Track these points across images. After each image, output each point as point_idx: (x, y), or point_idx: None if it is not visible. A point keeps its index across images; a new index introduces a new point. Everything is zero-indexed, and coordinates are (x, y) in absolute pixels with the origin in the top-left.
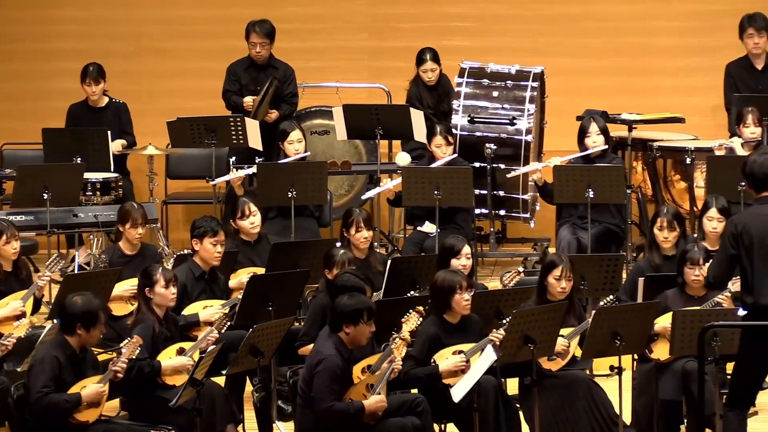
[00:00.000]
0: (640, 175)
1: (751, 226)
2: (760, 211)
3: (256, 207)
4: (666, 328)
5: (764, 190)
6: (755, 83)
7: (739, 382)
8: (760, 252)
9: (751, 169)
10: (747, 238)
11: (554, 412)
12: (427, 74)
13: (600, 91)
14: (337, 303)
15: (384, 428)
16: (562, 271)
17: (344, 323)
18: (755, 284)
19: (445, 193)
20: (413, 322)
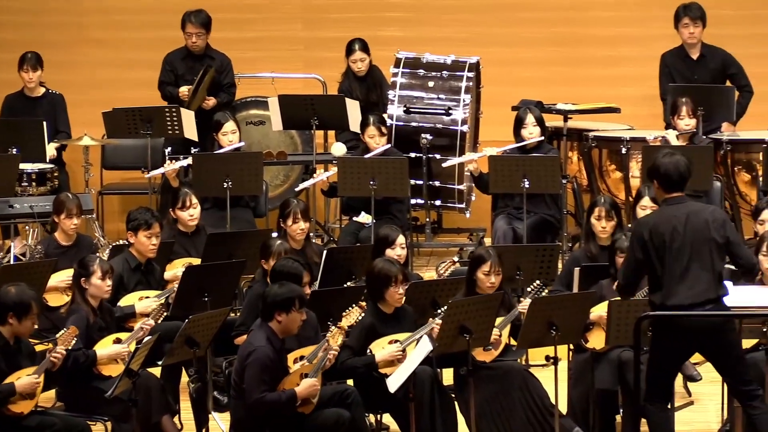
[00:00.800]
0: (575, 165)
1: (661, 228)
2: (671, 212)
3: (197, 199)
4: (602, 318)
5: (675, 190)
6: (690, 73)
7: (654, 376)
8: (670, 254)
9: (666, 169)
10: (657, 240)
11: (490, 403)
12: (356, 64)
13: (535, 81)
14: (268, 292)
15: (319, 419)
16: (491, 266)
17: (276, 311)
18: (664, 286)
19: (381, 183)
20: (354, 316)
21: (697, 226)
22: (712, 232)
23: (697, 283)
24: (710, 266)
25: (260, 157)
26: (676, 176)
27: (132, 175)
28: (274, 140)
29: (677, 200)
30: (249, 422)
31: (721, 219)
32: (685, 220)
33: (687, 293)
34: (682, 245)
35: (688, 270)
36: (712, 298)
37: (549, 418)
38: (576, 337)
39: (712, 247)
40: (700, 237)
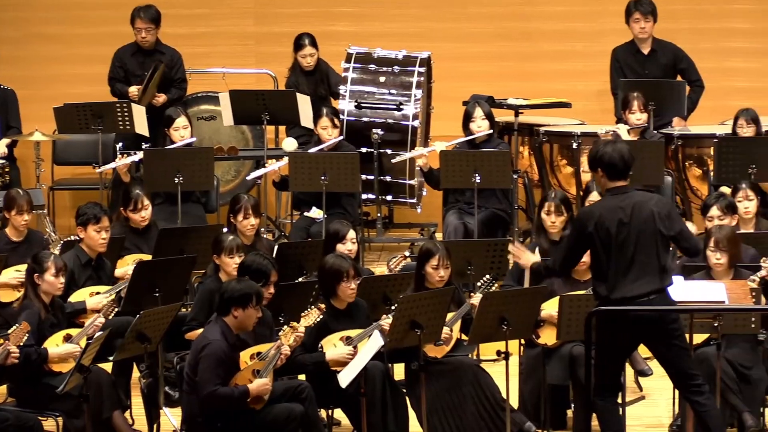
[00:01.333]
0: (526, 160)
1: (606, 220)
2: (615, 203)
3: (149, 201)
4: (552, 314)
5: (619, 179)
6: (641, 68)
7: (602, 369)
8: (616, 246)
9: (611, 158)
10: (603, 232)
11: (441, 398)
12: (306, 59)
13: (486, 76)
14: (225, 287)
15: (270, 414)
16: (439, 260)
17: (233, 307)
18: (609, 278)
19: (332, 178)
20: (312, 317)
21: (642, 218)
22: (658, 223)
23: (642, 275)
24: (655, 258)
25: (211, 152)
26: (621, 165)
27: (83, 170)
28: (225, 135)
29: (621, 190)
30: (201, 417)
31: (666, 210)
32: (631, 212)
33: (632, 285)
34: (628, 237)
35: (634, 262)
36: (657, 289)
37: (500, 412)
38: (527, 332)
39: (657, 238)
40: (646, 229)
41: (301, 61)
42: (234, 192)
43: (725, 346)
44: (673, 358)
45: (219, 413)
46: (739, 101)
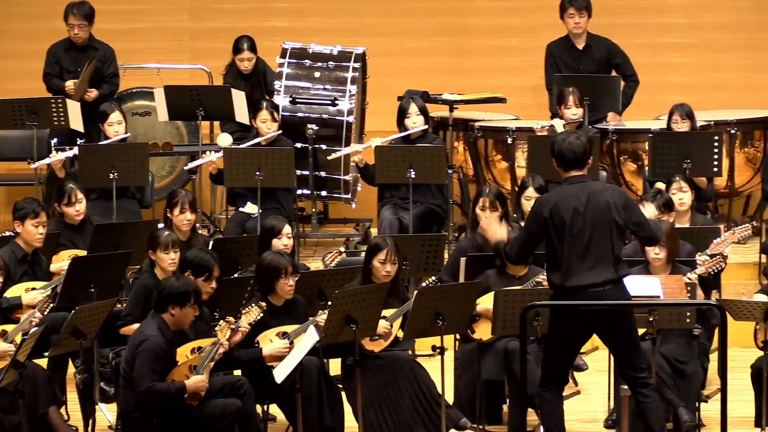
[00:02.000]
0: (461, 155)
1: (561, 208)
2: (569, 192)
3: (83, 194)
4: (488, 309)
5: (572, 169)
6: (576, 63)
7: (549, 361)
8: (570, 235)
9: (560, 148)
10: (558, 220)
11: (377, 392)
12: (243, 63)
13: (421, 71)
14: (164, 284)
15: (206, 410)
16: (387, 254)
17: (170, 304)
18: (563, 266)
19: (267, 173)
20: (253, 315)
21: (598, 208)
22: (613, 213)
23: (596, 264)
24: (610, 247)
25: (146, 147)
26: (570, 156)
27: (18, 166)
28: (160, 131)
29: (578, 179)
30: (137, 413)
31: (623, 200)
32: (586, 201)
33: (586, 274)
34: (583, 226)
35: (588, 251)
36: (611, 279)
37: (436, 408)
38: (462, 327)
39: (612, 228)
40: (601, 218)
41: (239, 64)
42: (169, 187)
43: (660, 341)
44: (624, 349)
45: (155, 409)
46: (673, 96)
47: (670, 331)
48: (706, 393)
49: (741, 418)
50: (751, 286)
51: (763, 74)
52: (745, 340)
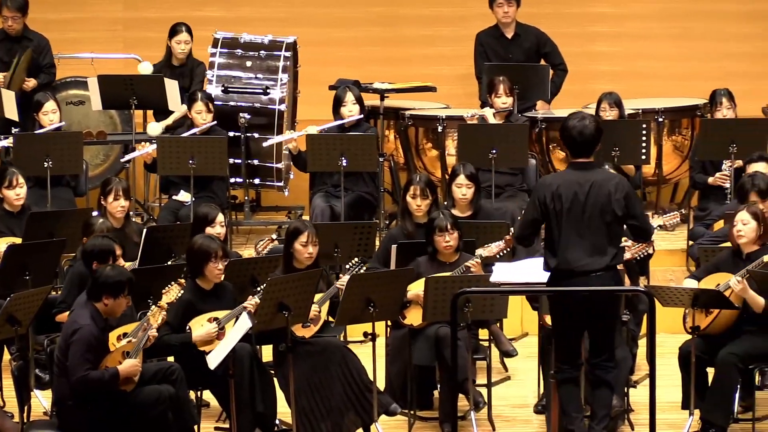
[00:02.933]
0: (392, 144)
1: (562, 193)
2: (575, 177)
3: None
4: (419, 295)
5: (580, 156)
6: (505, 52)
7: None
8: (569, 218)
9: (570, 134)
10: (557, 204)
11: (308, 379)
12: (180, 45)
13: (352, 60)
14: (99, 273)
15: (139, 396)
16: (308, 236)
17: (105, 294)
18: (560, 248)
19: (200, 162)
20: (173, 293)
21: (598, 198)
22: (613, 204)
23: (591, 252)
24: (606, 237)
25: (80, 136)
26: (580, 141)
27: None
28: (94, 120)
29: (583, 166)
30: (71, 400)
31: (624, 192)
32: (588, 189)
33: (581, 260)
34: (581, 213)
35: (584, 238)
36: (605, 266)
37: (367, 393)
38: (393, 313)
39: (610, 218)
40: (600, 208)
41: (175, 47)
42: (103, 176)
43: None
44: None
45: (89, 396)
46: (602, 85)
47: None
48: (634, 378)
49: (669, 402)
50: (679, 272)
51: (690, 63)
52: (673, 327)
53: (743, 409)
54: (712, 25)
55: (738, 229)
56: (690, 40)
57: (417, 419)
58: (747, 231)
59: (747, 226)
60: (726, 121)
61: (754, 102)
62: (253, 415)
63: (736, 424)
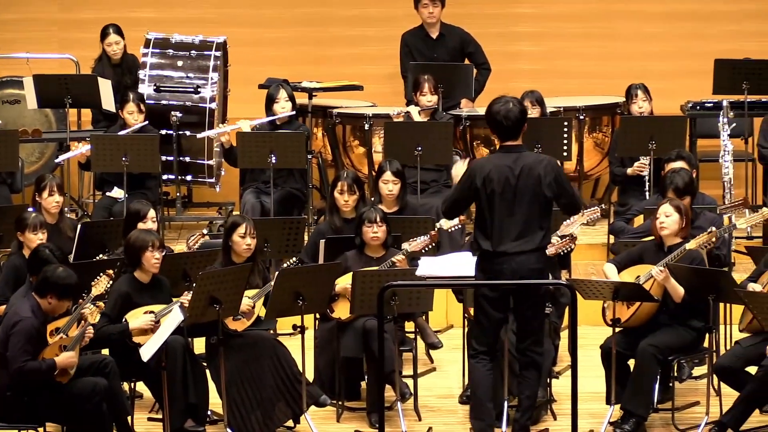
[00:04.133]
0: (320, 141)
1: (494, 177)
2: (505, 161)
3: None
4: (346, 288)
5: (508, 139)
6: (430, 52)
7: (476, 332)
8: (500, 201)
9: (496, 118)
10: (489, 188)
11: (240, 370)
12: (111, 47)
13: (281, 59)
14: (52, 271)
15: (75, 388)
16: (246, 229)
17: (50, 293)
18: (494, 231)
19: (133, 159)
20: (103, 284)
21: (529, 181)
22: (544, 187)
23: (523, 234)
24: (537, 219)
25: (16, 134)
26: (506, 123)
27: None
28: (30, 118)
29: (512, 149)
30: (9, 391)
31: (554, 174)
32: (519, 173)
33: (513, 243)
34: (513, 196)
35: (515, 221)
36: (535, 248)
37: (297, 385)
38: (322, 306)
39: (540, 200)
40: (531, 191)
41: (107, 49)
42: (38, 173)
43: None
44: (533, 322)
45: (26, 387)
46: (524, 83)
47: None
48: (557, 369)
49: (590, 393)
50: (600, 266)
51: (610, 62)
52: (594, 319)
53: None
54: (631, 25)
55: (661, 221)
56: (609, 40)
57: (345, 410)
58: (670, 223)
59: (670, 218)
60: (645, 118)
61: (673, 100)
62: (186, 406)
63: (656, 414)
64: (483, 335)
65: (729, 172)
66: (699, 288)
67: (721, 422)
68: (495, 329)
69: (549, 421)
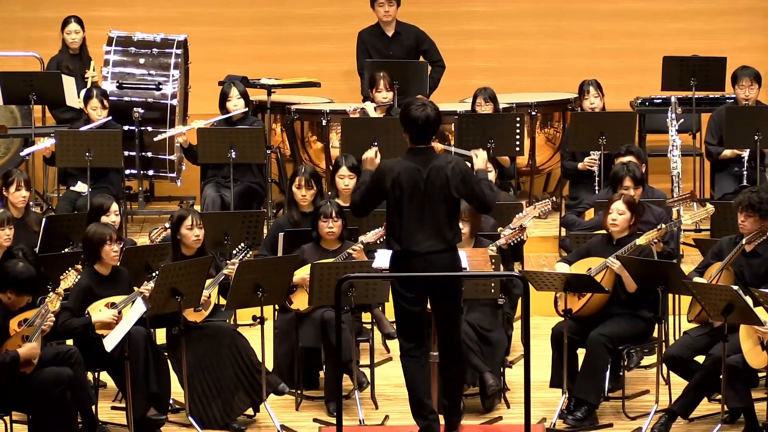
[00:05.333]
0: (279, 137)
1: (403, 179)
2: (414, 163)
3: None
4: (305, 280)
5: (421, 141)
6: (386, 49)
7: (401, 328)
8: (410, 203)
9: (416, 122)
10: (398, 190)
11: (200, 360)
12: (71, 35)
13: (240, 58)
14: (10, 266)
15: (39, 378)
16: (192, 220)
17: (10, 288)
18: (404, 233)
19: (96, 154)
20: (71, 279)
21: (437, 182)
22: (451, 188)
23: (432, 234)
24: (446, 218)
25: None
26: (424, 127)
27: None
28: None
29: (421, 151)
30: None
31: (461, 174)
32: (428, 174)
33: (422, 243)
34: (422, 198)
35: (424, 221)
36: (445, 247)
37: (256, 374)
38: (281, 298)
39: (448, 200)
40: (439, 192)
41: (66, 38)
42: (4, 168)
43: (467, 310)
44: (452, 315)
45: None
46: (477, 80)
47: (475, 300)
48: (510, 359)
49: (543, 381)
50: (552, 258)
51: (561, 59)
52: (546, 309)
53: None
54: (582, 23)
55: (613, 218)
56: (561, 38)
57: (304, 398)
58: (621, 221)
59: (622, 216)
60: (595, 114)
61: (622, 96)
62: (148, 395)
63: (607, 402)
64: (407, 331)
65: (677, 166)
66: (648, 279)
67: (671, 410)
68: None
69: (503, 409)
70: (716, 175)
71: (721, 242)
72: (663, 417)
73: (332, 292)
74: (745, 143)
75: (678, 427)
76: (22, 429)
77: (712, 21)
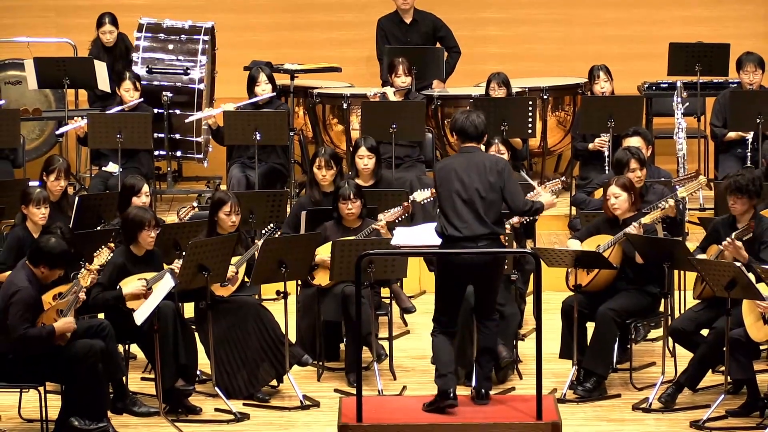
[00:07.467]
0: (301, 119)
1: (449, 171)
2: (460, 160)
3: None
4: (325, 261)
5: (467, 141)
6: (404, 36)
7: (438, 305)
8: (457, 195)
9: (461, 125)
10: (443, 180)
11: (227, 333)
12: (105, 36)
13: (265, 44)
14: (45, 242)
15: (73, 349)
16: (231, 207)
17: (43, 263)
18: (451, 219)
19: (127, 136)
20: (104, 256)
21: (478, 176)
22: (491, 181)
23: (470, 220)
24: (483, 207)
25: (18, 113)
26: (472, 132)
27: None
28: (30, 98)
29: (468, 149)
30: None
31: (498, 169)
32: (467, 167)
33: (462, 228)
34: (467, 189)
35: (465, 208)
36: (484, 234)
37: (280, 346)
38: (303, 273)
39: (488, 193)
40: (480, 184)
41: (101, 37)
42: (38, 149)
43: None
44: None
45: (27, 350)
46: (491, 66)
47: None
48: (522, 332)
49: (553, 354)
50: (563, 236)
51: (572, 46)
52: (557, 285)
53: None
54: (591, 11)
55: (612, 202)
56: (571, 25)
57: (325, 369)
58: (620, 203)
59: (619, 199)
60: (605, 98)
61: (630, 81)
62: (176, 367)
63: (615, 373)
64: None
65: (683, 148)
66: (655, 256)
67: (678, 382)
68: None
69: (515, 380)
70: (720, 156)
71: (716, 222)
72: (670, 388)
73: (353, 268)
74: (748, 126)
75: (683, 397)
76: (55, 399)
77: (716, 9)
